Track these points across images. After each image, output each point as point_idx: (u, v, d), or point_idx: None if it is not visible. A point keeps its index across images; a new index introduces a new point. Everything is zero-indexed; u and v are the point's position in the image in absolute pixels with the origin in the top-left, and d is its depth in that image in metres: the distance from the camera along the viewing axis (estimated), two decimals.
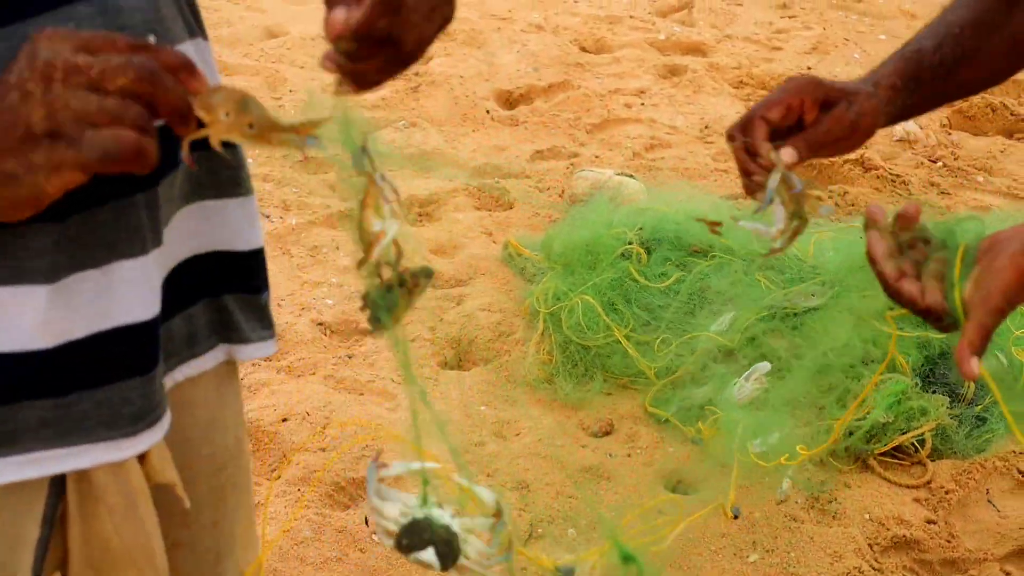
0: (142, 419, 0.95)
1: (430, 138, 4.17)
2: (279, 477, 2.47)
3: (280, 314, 3.04)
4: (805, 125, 1.17)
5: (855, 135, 1.19)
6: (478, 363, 2.93)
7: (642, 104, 4.55)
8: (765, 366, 2.52)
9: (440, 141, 4.16)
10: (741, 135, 1.16)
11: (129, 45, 0.76)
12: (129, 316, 0.92)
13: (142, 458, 0.99)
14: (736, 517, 2.16)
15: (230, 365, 1.15)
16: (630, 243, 3.04)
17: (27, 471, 0.89)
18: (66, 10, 0.83)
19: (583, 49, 5.25)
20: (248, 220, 1.09)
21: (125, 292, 0.91)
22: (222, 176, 1.05)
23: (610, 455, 2.57)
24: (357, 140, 0.84)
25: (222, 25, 5.12)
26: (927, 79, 1.24)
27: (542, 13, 5.66)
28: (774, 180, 1.14)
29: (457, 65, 4.85)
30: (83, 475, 0.95)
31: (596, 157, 4.03)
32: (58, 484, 0.95)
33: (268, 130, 0.83)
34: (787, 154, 1.14)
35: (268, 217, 3.51)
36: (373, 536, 2.29)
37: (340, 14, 0.86)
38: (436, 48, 5.10)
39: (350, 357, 2.90)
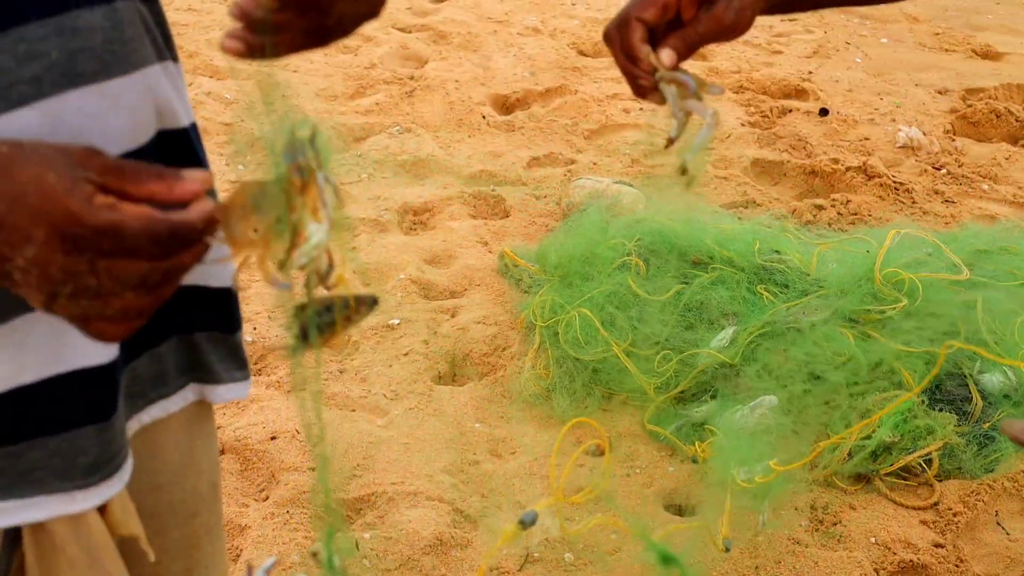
0: (99, 469, 0.89)
1: (424, 144, 4.09)
2: (267, 498, 2.40)
3: (269, 327, 2.97)
4: (683, 22, 1.11)
5: (735, 31, 1.12)
6: (473, 378, 2.86)
7: (640, 109, 4.48)
8: (772, 400, 2.45)
9: (435, 147, 4.09)
10: (618, 36, 1.11)
11: (149, 239, 0.72)
12: (85, 359, 0.86)
13: (103, 509, 0.92)
14: (727, 550, 2.08)
15: (202, 405, 1.08)
16: (628, 254, 2.97)
17: None
18: (18, 31, 0.77)
19: (581, 53, 5.18)
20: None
21: (78, 335, 0.85)
22: None
23: (611, 476, 2.50)
24: (298, 130, 0.76)
25: (213, 28, 5.05)
26: None
27: (539, 16, 5.59)
28: (671, 91, 1.09)
29: (452, 69, 4.78)
30: (40, 527, 0.89)
31: (594, 164, 3.96)
32: (13, 535, 0.89)
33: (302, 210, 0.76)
34: (666, 55, 1.08)
35: None
36: (364, 561, 2.22)
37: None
38: (431, 51, 5.05)
39: (341, 372, 2.83)
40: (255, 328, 2.95)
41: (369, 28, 5.19)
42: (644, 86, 1.10)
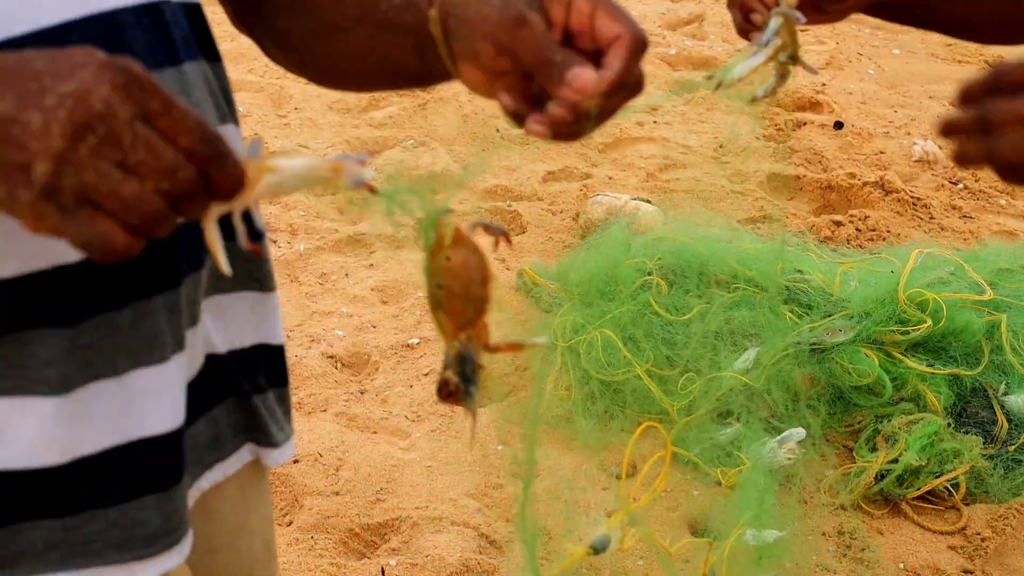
0: (159, 540, 0.86)
1: (439, 158, 4.08)
2: (291, 523, 2.39)
3: (289, 346, 2.94)
4: None
5: None
6: (494, 399, 2.84)
7: (654, 122, 4.47)
8: (800, 433, 2.44)
9: (449, 161, 4.08)
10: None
11: (199, 135, 0.65)
12: (148, 428, 0.84)
13: None
14: None
15: (256, 464, 1.06)
16: (649, 274, 2.96)
17: None
18: None
19: None
20: (273, 313, 1.01)
21: (144, 403, 0.84)
22: (246, 270, 0.97)
23: (634, 499, 2.48)
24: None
25: (225, 40, 5.01)
26: None
27: None
28: (777, 16, 1.10)
29: None
30: None
31: (609, 178, 3.95)
32: None
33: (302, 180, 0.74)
34: None
35: (275, 242, 3.42)
36: None
37: (590, 73, 0.80)
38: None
39: (362, 392, 2.81)
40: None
41: None
42: (757, 21, 1.09)
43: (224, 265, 0.72)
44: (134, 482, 0.84)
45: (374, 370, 2.91)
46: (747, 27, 1.13)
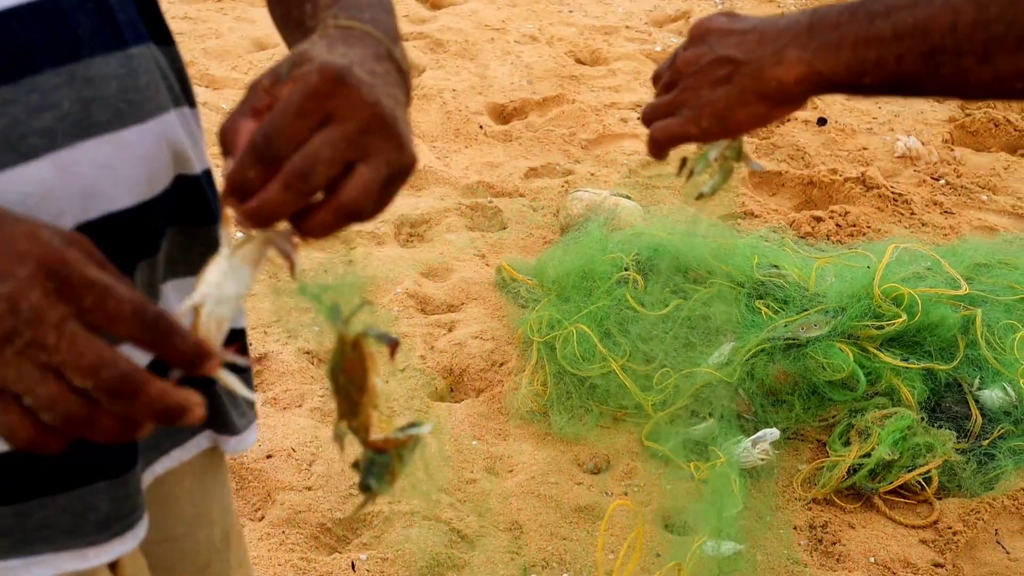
0: (111, 526, 0.86)
1: (422, 154, 4.08)
2: (263, 518, 2.38)
3: (265, 342, 2.95)
4: None
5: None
6: (470, 394, 2.84)
7: (638, 119, 4.46)
8: (774, 433, 2.44)
9: (432, 158, 4.07)
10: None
11: (138, 322, 0.63)
12: None
13: (114, 565, 0.91)
14: None
15: (215, 452, 1.05)
16: (626, 269, 2.96)
17: None
18: (30, 81, 0.75)
19: (578, 61, 5.17)
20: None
21: None
22: (205, 255, 0.97)
23: (607, 493, 2.48)
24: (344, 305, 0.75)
25: (210, 37, 5.03)
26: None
27: (536, 24, 5.57)
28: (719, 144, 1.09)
29: (449, 78, 4.77)
30: None
31: (591, 175, 3.94)
32: None
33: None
34: None
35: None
36: None
37: (229, 163, 0.72)
38: (428, 60, 5.03)
39: None
40: (250, 343, 2.93)
41: None
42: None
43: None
44: (85, 468, 0.83)
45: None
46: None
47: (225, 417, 1.01)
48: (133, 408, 0.63)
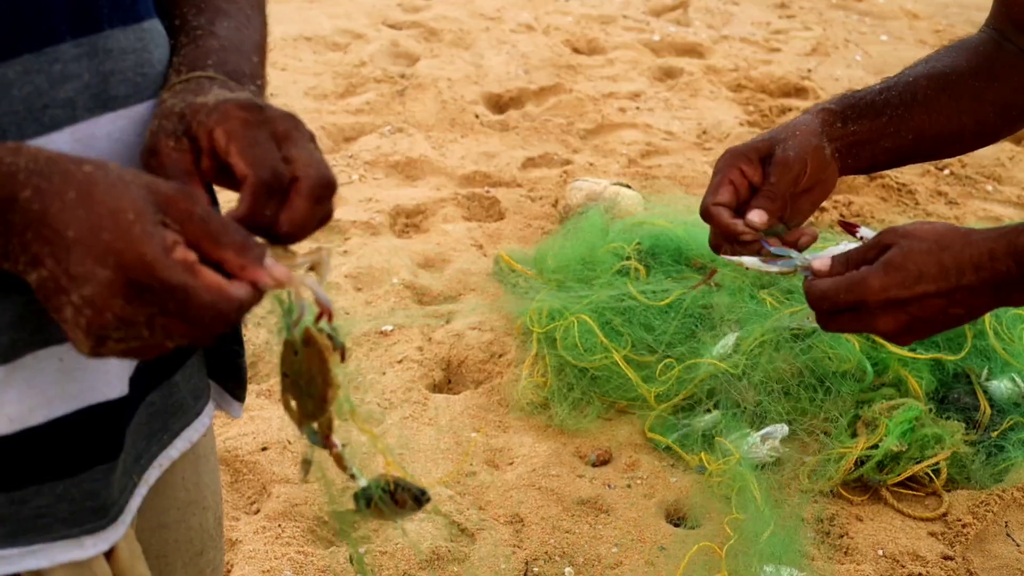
0: (107, 513, 0.84)
1: (417, 144, 4.02)
2: (258, 511, 2.33)
3: (261, 333, 2.89)
4: (758, 187, 1.17)
5: (812, 168, 1.16)
6: (469, 386, 2.79)
7: (637, 108, 4.41)
8: (783, 429, 2.39)
9: (427, 147, 4.01)
10: (722, 239, 1.17)
11: (215, 322, 0.71)
12: (95, 395, 0.81)
13: (109, 553, 0.88)
14: None
15: (207, 436, 1.05)
16: (628, 258, 2.90)
17: None
18: (51, 51, 0.75)
19: (575, 50, 5.11)
20: None
21: (92, 368, 0.81)
22: None
23: (609, 486, 2.43)
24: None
25: None
26: (868, 112, 1.22)
27: (532, 13, 5.51)
28: (774, 244, 1.14)
29: (444, 67, 4.71)
30: (41, 574, 0.83)
31: (590, 165, 3.89)
32: None
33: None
34: (757, 215, 1.13)
35: None
36: None
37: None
38: (423, 49, 4.97)
39: None
40: (245, 337, 2.88)
41: (359, 25, 5.12)
42: (748, 241, 1.14)
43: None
44: (83, 453, 0.82)
45: (347, 357, 2.85)
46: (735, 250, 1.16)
47: (239, 381, 1.05)
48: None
